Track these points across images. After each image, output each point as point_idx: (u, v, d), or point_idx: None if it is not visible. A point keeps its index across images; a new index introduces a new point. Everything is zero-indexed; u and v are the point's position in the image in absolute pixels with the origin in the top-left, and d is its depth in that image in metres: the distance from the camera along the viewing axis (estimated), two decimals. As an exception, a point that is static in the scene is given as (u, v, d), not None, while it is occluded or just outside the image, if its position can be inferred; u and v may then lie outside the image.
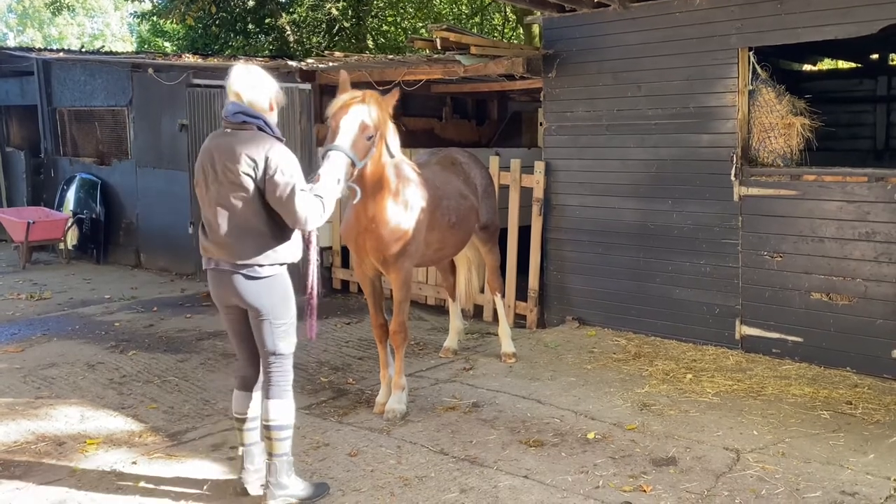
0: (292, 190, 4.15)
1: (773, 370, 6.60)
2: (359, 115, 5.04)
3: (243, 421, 4.54)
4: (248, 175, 4.15)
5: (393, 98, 5.38)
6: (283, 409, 4.38)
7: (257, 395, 4.53)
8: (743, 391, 6.13)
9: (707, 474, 4.75)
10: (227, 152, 4.19)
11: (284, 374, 4.41)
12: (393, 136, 5.52)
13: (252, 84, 4.30)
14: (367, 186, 5.36)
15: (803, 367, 6.66)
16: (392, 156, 5.50)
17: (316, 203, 4.26)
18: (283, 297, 4.34)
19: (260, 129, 4.27)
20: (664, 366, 6.77)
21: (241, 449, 4.58)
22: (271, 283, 4.29)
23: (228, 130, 4.29)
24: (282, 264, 4.32)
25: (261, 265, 4.24)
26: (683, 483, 4.64)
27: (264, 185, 4.17)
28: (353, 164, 4.91)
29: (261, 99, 4.31)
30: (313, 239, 4.50)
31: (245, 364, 4.56)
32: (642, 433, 5.38)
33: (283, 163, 4.18)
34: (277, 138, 4.32)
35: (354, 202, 5.35)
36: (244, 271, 4.24)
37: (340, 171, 4.72)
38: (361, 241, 5.69)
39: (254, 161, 4.15)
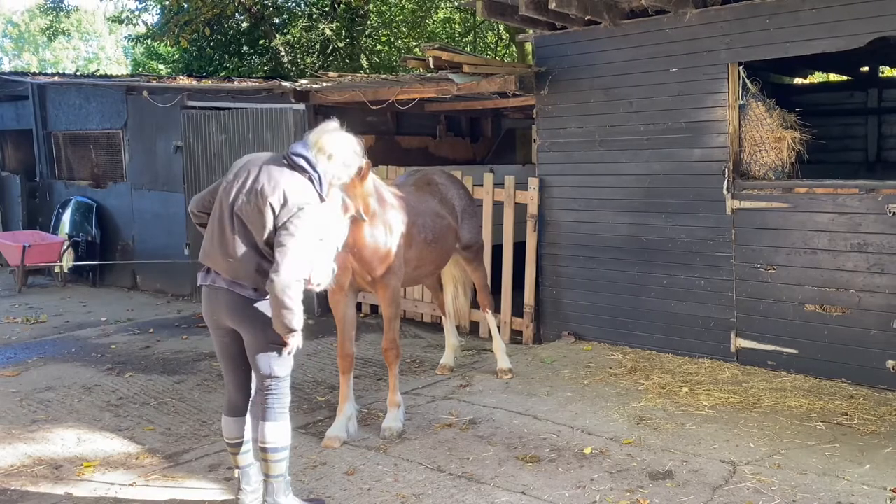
0: (292, 251, 4.05)
1: (768, 382, 6.62)
2: (335, 199, 4.80)
3: (236, 445, 4.48)
4: (272, 211, 4.10)
5: (367, 167, 5.17)
6: (279, 431, 4.34)
7: (247, 418, 4.47)
8: (739, 404, 6.14)
9: (704, 487, 4.75)
10: (270, 180, 4.14)
11: (281, 397, 4.36)
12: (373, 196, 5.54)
13: (346, 160, 4.36)
14: None
15: (799, 378, 6.67)
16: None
17: (296, 294, 4.08)
18: None
19: (311, 180, 4.23)
20: (660, 379, 6.78)
21: (237, 470, 4.56)
22: (264, 306, 4.21)
23: (285, 162, 4.26)
24: None
25: (255, 288, 4.20)
26: (680, 497, 4.64)
27: (280, 226, 4.09)
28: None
29: (342, 174, 4.38)
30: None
31: (234, 389, 4.49)
32: (639, 447, 5.39)
33: (306, 224, 4.09)
34: (320, 196, 4.26)
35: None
36: (238, 290, 4.21)
37: (328, 271, 4.56)
38: (346, 264, 5.59)
39: (285, 203, 4.09)
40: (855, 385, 6.44)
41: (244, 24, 21.48)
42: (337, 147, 4.33)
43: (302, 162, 4.23)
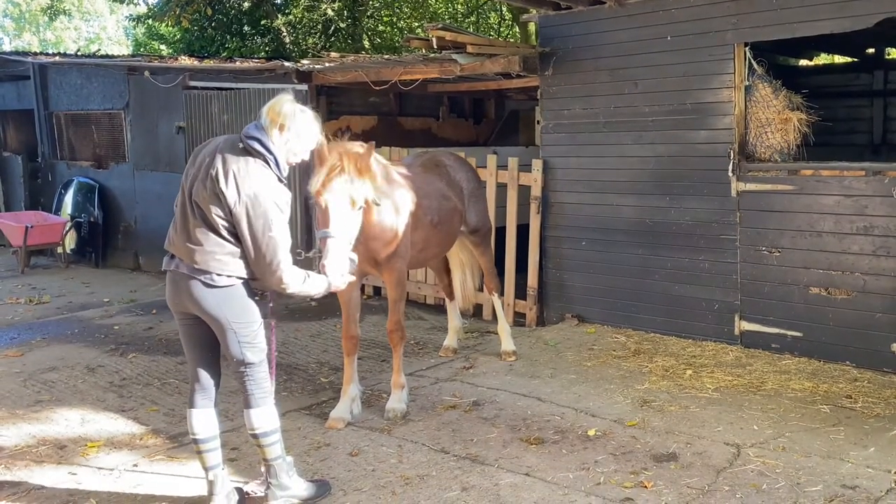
0: (271, 247, 4.03)
1: (772, 365, 6.60)
2: (344, 191, 4.88)
3: (202, 441, 4.33)
4: (225, 198, 4.00)
5: (370, 151, 5.12)
6: (265, 416, 4.30)
7: (210, 412, 4.36)
8: (743, 386, 6.14)
9: (708, 469, 4.75)
10: (223, 166, 4.05)
11: (259, 382, 4.29)
12: (380, 178, 5.45)
13: (299, 131, 4.18)
14: None
15: (803, 361, 6.66)
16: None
17: (297, 276, 4.17)
18: (242, 305, 4.16)
19: (266, 162, 4.11)
20: (664, 362, 6.77)
21: (208, 474, 4.36)
22: (228, 292, 4.11)
23: (241, 146, 4.14)
24: (239, 277, 4.14)
25: (218, 274, 4.09)
26: (684, 478, 4.64)
27: (240, 220, 4.01)
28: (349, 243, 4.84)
29: (297, 147, 4.22)
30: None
31: (199, 377, 4.36)
32: (643, 429, 5.39)
33: (265, 211, 4.01)
34: (279, 178, 4.14)
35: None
36: (201, 277, 4.09)
37: (345, 265, 4.65)
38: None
39: (238, 191, 4.00)
40: (859, 368, 6.42)
41: (245, 5, 21.36)
42: (289, 118, 4.15)
43: (256, 145, 4.10)
